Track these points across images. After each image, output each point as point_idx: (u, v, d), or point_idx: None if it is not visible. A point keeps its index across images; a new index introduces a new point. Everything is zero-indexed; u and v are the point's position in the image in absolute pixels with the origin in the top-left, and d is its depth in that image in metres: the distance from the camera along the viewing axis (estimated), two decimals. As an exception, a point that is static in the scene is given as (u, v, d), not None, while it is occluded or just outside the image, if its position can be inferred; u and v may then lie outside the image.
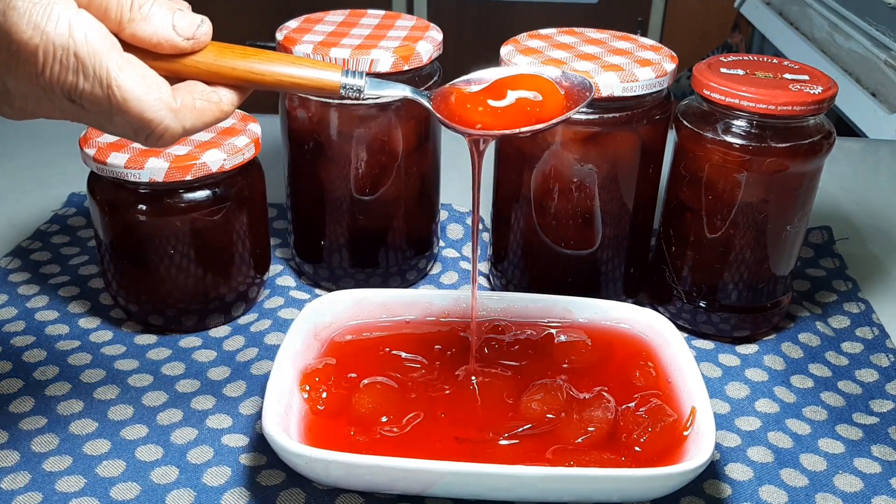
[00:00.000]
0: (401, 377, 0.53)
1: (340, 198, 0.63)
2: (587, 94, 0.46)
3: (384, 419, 0.50)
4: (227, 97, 0.41)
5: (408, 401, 0.51)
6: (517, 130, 0.44)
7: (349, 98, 0.43)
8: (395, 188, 0.63)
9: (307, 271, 0.68)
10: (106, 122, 0.38)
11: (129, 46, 0.39)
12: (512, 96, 0.45)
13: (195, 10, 0.41)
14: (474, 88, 0.46)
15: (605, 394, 0.51)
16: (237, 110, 0.63)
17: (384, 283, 0.67)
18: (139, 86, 0.37)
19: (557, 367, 0.54)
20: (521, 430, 0.50)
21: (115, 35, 0.38)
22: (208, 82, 0.41)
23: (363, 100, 0.44)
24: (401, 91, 0.46)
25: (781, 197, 0.57)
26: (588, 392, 0.52)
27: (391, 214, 0.64)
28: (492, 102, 0.45)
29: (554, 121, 0.45)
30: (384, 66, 0.58)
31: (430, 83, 0.61)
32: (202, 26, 0.40)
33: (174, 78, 0.40)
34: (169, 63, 0.40)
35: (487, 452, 0.48)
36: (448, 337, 0.56)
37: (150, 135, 0.39)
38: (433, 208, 0.68)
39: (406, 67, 0.59)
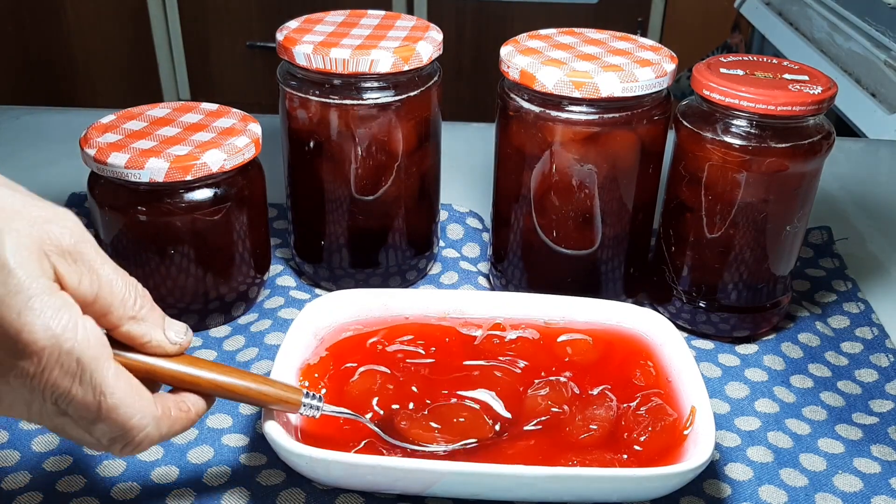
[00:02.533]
0: (400, 372, 0.53)
1: (340, 198, 0.63)
2: None
3: (377, 406, 0.50)
4: (195, 405, 0.43)
5: (405, 392, 0.52)
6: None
7: (308, 414, 0.47)
8: (396, 188, 0.63)
9: (307, 271, 0.68)
10: (85, 429, 0.39)
11: (113, 342, 0.40)
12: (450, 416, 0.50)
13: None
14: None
15: (607, 392, 0.51)
16: (237, 111, 0.63)
17: (384, 283, 0.67)
18: (128, 394, 0.39)
19: (558, 366, 0.54)
20: (523, 426, 0.50)
21: (110, 331, 0.40)
22: (177, 387, 0.43)
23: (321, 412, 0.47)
24: (353, 416, 0.49)
25: (781, 197, 0.57)
26: (589, 391, 0.52)
27: (391, 214, 0.64)
28: (433, 423, 0.49)
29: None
30: (384, 67, 0.58)
31: (430, 83, 0.62)
32: (188, 333, 0.43)
33: (147, 378, 0.42)
34: (146, 364, 0.42)
35: (489, 451, 0.48)
36: (448, 334, 0.56)
37: (128, 443, 0.40)
38: (433, 208, 0.68)
39: (406, 67, 0.59)
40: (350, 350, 0.54)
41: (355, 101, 0.59)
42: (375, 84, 0.59)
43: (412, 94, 0.60)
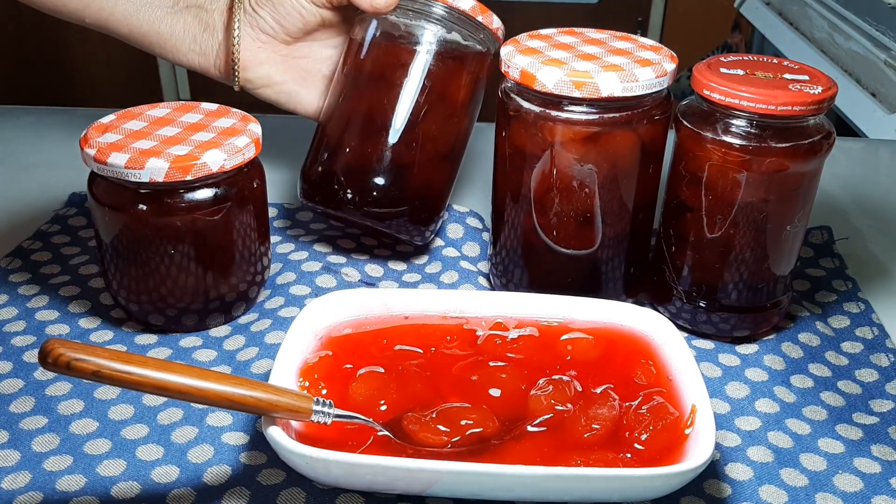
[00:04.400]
0: (401, 372, 0.53)
1: (384, 122, 0.65)
2: None
3: (382, 406, 0.50)
4: None
5: (407, 392, 0.52)
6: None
7: (319, 421, 0.47)
8: (433, 127, 0.66)
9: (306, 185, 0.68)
10: None
11: None
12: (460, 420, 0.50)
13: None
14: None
15: (610, 392, 0.51)
16: (237, 111, 0.63)
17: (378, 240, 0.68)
18: None
19: (561, 365, 0.54)
20: (526, 425, 0.50)
21: None
22: (185, 399, 0.45)
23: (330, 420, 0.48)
24: (364, 420, 0.49)
25: (781, 197, 0.57)
26: (592, 390, 0.52)
27: (420, 148, 0.66)
28: (442, 426, 0.49)
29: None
30: (466, 5, 0.65)
31: (494, 48, 0.68)
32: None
33: (156, 393, 0.44)
34: (154, 380, 0.44)
35: (492, 450, 0.48)
36: (449, 334, 0.56)
37: None
38: (450, 177, 0.69)
39: (480, 18, 0.66)
40: (350, 350, 0.54)
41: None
42: (455, 20, 0.65)
43: (481, 47, 0.66)
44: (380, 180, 0.65)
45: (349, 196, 0.65)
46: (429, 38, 0.65)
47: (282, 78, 0.71)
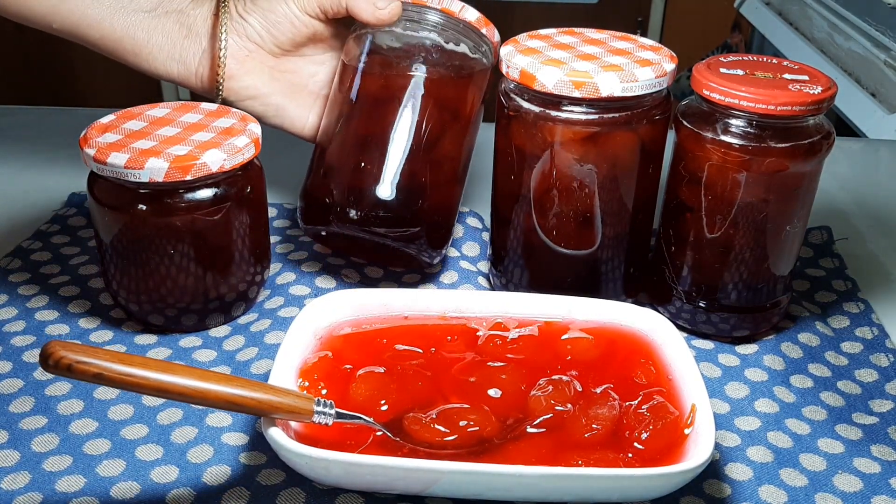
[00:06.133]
0: (401, 373, 0.53)
1: (400, 141, 0.62)
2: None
3: (383, 406, 0.50)
4: None
5: (407, 392, 0.52)
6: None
7: (320, 422, 0.47)
8: (453, 145, 0.65)
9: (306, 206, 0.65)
10: None
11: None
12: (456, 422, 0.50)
13: None
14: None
15: (610, 392, 0.51)
16: (237, 110, 0.63)
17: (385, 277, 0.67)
18: None
19: (561, 364, 0.54)
20: (526, 425, 0.50)
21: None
22: (185, 402, 0.45)
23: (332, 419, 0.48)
24: (365, 420, 0.49)
25: (781, 197, 0.57)
26: (592, 390, 0.52)
27: (435, 165, 0.64)
28: (441, 427, 0.49)
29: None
30: (472, 17, 0.65)
31: (494, 63, 0.65)
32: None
33: (156, 395, 0.44)
34: (157, 381, 0.44)
35: (492, 450, 0.48)
36: (449, 334, 0.56)
37: None
38: (461, 191, 0.67)
39: (484, 31, 0.65)
40: (350, 350, 0.54)
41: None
42: (461, 31, 0.65)
43: (486, 61, 0.65)
44: (397, 197, 0.62)
45: (364, 214, 0.62)
46: (436, 53, 0.64)
47: (268, 90, 0.67)
